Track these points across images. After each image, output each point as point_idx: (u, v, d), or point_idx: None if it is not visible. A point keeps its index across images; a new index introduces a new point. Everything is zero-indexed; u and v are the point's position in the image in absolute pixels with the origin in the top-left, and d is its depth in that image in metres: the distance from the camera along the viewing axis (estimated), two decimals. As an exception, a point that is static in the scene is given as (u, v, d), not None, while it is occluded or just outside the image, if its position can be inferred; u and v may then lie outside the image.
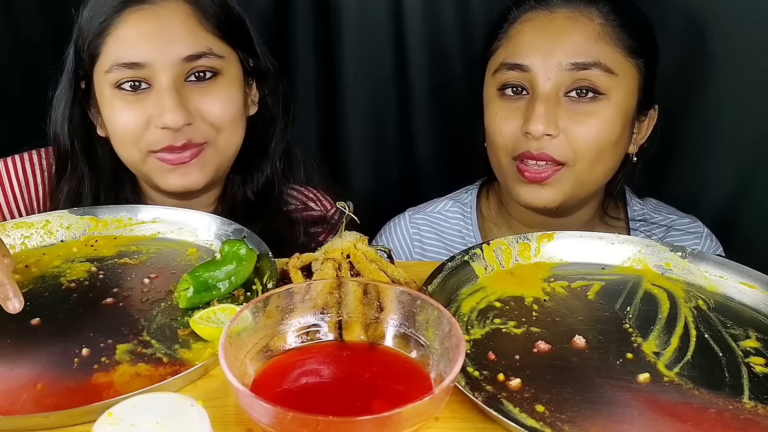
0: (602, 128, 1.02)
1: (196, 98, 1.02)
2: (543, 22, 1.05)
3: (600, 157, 1.03)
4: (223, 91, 1.05)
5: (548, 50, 1.02)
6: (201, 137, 1.03)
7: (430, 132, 1.46)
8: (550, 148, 1.01)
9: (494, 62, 1.09)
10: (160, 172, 1.04)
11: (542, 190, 1.04)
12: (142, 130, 1.01)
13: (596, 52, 1.01)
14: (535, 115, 1.00)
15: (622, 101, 1.03)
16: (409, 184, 1.52)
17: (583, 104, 1.02)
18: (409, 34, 1.39)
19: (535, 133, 1.00)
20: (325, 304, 0.69)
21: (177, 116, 0.99)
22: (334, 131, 1.50)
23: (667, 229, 1.16)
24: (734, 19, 1.17)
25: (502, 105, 1.07)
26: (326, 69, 1.45)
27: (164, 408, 0.52)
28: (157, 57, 1.00)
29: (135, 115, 1.01)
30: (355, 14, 1.39)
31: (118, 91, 1.02)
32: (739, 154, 1.24)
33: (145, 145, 1.02)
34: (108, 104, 1.03)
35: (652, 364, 0.71)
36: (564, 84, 1.02)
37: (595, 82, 1.01)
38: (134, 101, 1.01)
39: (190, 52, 1.01)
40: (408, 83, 1.43)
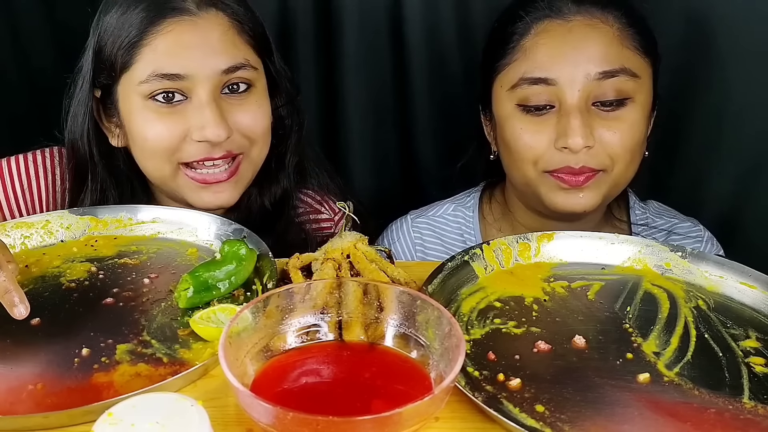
0: (633, 131, 1.01)
1: (233, 111, 1.01)
2: (562, 32, 1.02)
3: (633, 159, 1.04)
4: (256, 103, 1.04)
5: (574, 61, 1.00)
6: (237, 148, 1.03)
7: (431, 133, 1.46)
8: (589, 160, 1.01)
9: (509, 77, 1.05)
10: (192, 189, 1.03)
11: (581, 194, 1.03)
12: (177, 143, 1.00)
13: (620, 58, 1.00)
14: (572, 129, 0.99)
15: (645, 101, 1.03)
16: (409, 185, 1.52)
17: (611, 111, 1.01)
18: (409, 36, 1.39)
19: (575, 148, 0.99)
20: (325, 304, 0.69)
21: (219, 130, 0.98)
22: (334, 132, 1.50)
23: (668, 234, 1.16)
24: (736, 20, 1.17)
25: (526, 119, 1.04)
26: (327, 70, 1.45)
27: (164, 408, 0.52)
28: (198, 69, 0.98)
29: (170, 128, 0.99)
30: (355, 16, 1.39)
31: (151, 102, 0.99)
32: (741, 155, 1.24)
33: (178, 158, 1.01)
34: (139, 115, 1.00)
35: (652, 364, 0.71)
36: (592, 93, 1.00)
37: (623, 88, 1.00)
38: (169, 113, 0.99)
39: (230, 63, 1.00)
40: (408, 84, 1.43)
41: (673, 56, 1.23)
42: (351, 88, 1.44)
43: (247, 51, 1.03)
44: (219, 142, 0.99)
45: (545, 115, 1.03)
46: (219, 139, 0.98)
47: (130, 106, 1.01)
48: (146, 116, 1.00)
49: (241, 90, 1.03)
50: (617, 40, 1.01)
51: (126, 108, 1.02)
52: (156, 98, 0.99)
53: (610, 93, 1.00)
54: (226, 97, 1.02)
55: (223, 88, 1.01)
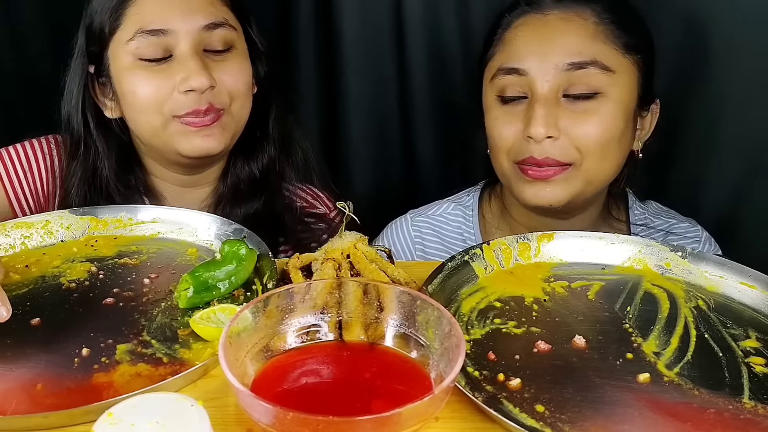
0: (604, 126, 1.01)
1: (215, 67, 1.07)
2: (537, 25, 1.05)
3: (606, 155, 1.03)
4: (237, 63, 1.10)
5: (544, 52, 1.02)
6: (219, 103, 1.07)
7: (431, 133, 1.46)
8: (553, 151, 1.01)
9: (491, 68, 1.09)
10: (183, 135, 1.07)
11: (548, 188, 1.03)
12: (165, 97, 1.05)
13: (592, 51, 1.01)
14: (535, 118, 1.00)
15: (622, 98, 1.03)
16: (409, 184, 1.52)
17: (582, 103, 1.02)
18: (409, 36, 1.39)
19: (536, 137, 1.00)
20: (325, 304, 0.69)
21: (202, 78, 1.03)
22: (335, 132, 1.50)
23: (666, 234, 1.16)
24: (735, 21, 1.17)
25: (502, 110, 1.07)
26: (328, 71, 1.45)
27: (164, 408, 0.52)
28: (179, 24, 1.04)
29: (159, 83, 1.05)
30: (356, 16, 1.39)
31: (140, 62, 1.05)
32: (740, 155, 1.24)
33: (168, 110, 1.05)
34: (129, 74, 1.06)
35: (652, 364, 0.71)
36: (562, 85, 1.02)
37: (593, 81, 1.01)
38: (157, 70, 1.05)
39: (210, 20, 1.06)
40: (409, 85, 1.43)
41: (671, 57, 1.23)
42: (351, 87, 1.44)
43: (225, 11, 1.10)
44: (203, 90, 1.04)
45: (518, 105, 1.05)
46: (203, 86, 1.03)
47: (119, 66, 1.07)
48: (135, 74, 1.06)
49: (221, 49, 1.08)
50: (591, 34, 1.02)
51: (116, 69, 1.08)
52: (143, 59, 1.05)
53: (579, 85, 1.01)
54: (208, 55, 1.07)
55: (206, 48, 1.07)
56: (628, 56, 1.03)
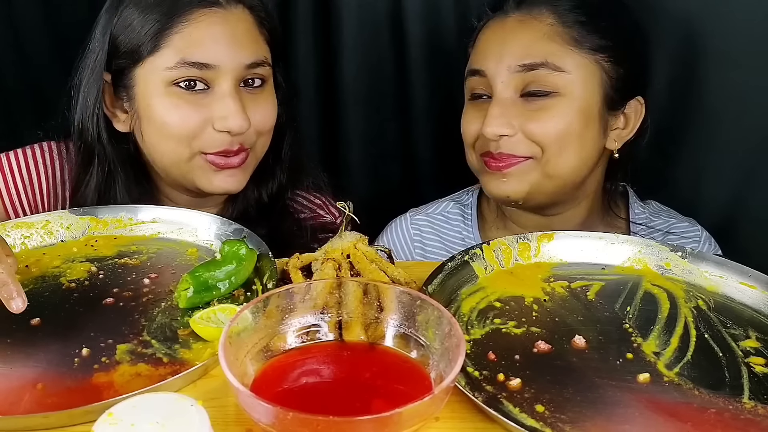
0: (558, 121, 1.03)
1: (249, 105, 1.04)
2: (496, 28, 1.09)
3: (563, 150, 1.04)
4: (269, 99, 1.08)
5: (499, 54, 1.06)
6: (249, 143, 1.05)
7: (431, 132, 1.46)
8: (508, 147, 1.04)
9: (466, 70, 1.13)
10: (204, 172, 1.05)
11: (505, 179, 1.06)
12: (198, 131, 1.02)
13: (543, 52, 1.03)
14: (488, 118, 1.04)
15: (579, 96, 1.04)
16: (409, 184, 1.52)
17: (537, 101, 1.04)
18: (408, 35, 1.39)
19: (488, 135, 1.04)
20: (325, 304, 0.69)
21: (242, 121, 1.01)
22: (334, 132, 1.50)
23: (665, 234, 1.16)
24: (732, 24, 1.17)
25: (470, 108, 1.12)
26: (326, 69, 1.45)
27: (164, 408, 0.52)
28: (224, 60, 1.01)
29: (193, 114, 1.01)
30: (355, 15, 1.39)
31: (174, 88, 1.01)
32: (739, 155, 1.23)
33: (198, 145, 1.03)
34: (160, 100, 1.02)
35: (652, 364, 0.71)
36: (518, 85, 1.04)
37: (544, 82, 1.03)
38: (191, 101, 1.01)
39: (253, 59, 1.03)
40: (408, 84, 1.43)
41: (670, 57, 1.23)
42: (350, 86, 1.44)
43: (265, 48, 1.08)
44: (242, 133, 1.02)
45: (483, 104, 1.08)
46: (241, 130, 1.01)
47: (150, 90, 1.02)
48: (169, 101, 1.01)
49: (256, 85, 1.06)
50: (545, 36, 1.04)
51: (145, 92, 1.03)
52: (179, 85, 1.01)
53: (532, 85, 1.04)
54: (243, 90, 1.05)
55: (240, 81, 1.04)
56: (587, 56, 1.04)
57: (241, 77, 1.03)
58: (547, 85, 1.03)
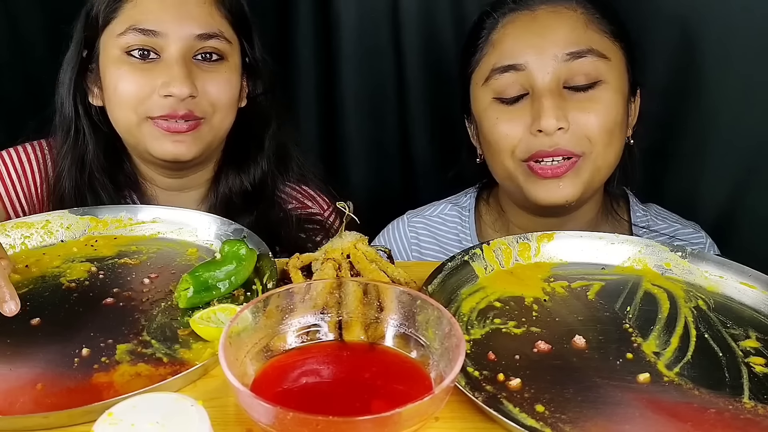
0: (608, 112, 1.02)
1: (201, 76, 1.07)
2: (527, 21, 1.05)
3: (612, 141, 1.03)
4: (225, 75, 1.09)
5: (540, 45, 1.02)
6: (200, 112, 1.07)
7: (429, 134, 1.46)
8: (564, 142, 1.00)
9: (482, 71, 1.07)
10: (154, 137, 1.07)
11: (561, 184, 1.02)
12: (144, 97, 1.04)
13: (587, 39, 1.02)
14: (545, 110, 0.99)
15: (618, 83, 1.04)
16: (408, 185, 1.52)
17: (584, 92, 1.02)
18: (407, 37, 1.39)
19: (548, 129, 0.98)
20: (325, 304, 0.69)
21: (184, 86, 1.03)
22: (333, 133, 1.50)
23: (670, 239, 1.16)
24: (730, 25, 1.17)
25: (501, 109, 1.04)
26: (326, 71, 1.45)
27: (164, 408, 0.52)
28: (172, 28, 1.04)
29: (141, 82, 1.04)
30: (354, 17, 1.39)
31: (126, 56, 1.05)
32: (738, 156, 1.23)
33: (144, 110, 1.05)
34: (114, 68, 1.06)
35: (652, 364, 0.71)
36: (562, 76, 1.01)
37: (592, 69, 1.02)
38: (142, 68, 1.05)
39: (204, 30, 1.06)
40: (407, 85, 1.43)
41: (668, 58, 1.23)
42: (350, 88, 1.44)
43: (223, 24, 1.09)
44: (183, 98, 1.03)
45: (519, 103, 1.04)
46: (183, 94, 1.03)
47: (107, 58, 1.07)
48: (120, 68, 1.06)
49: (213, 59, 1.08)
50: (582, 24, 1.03)
51: (104, 60, 1.08)
52: (132, 53, 1.05)
53: (580, 74, 1.02)
54: (197, 62, 1.07)
55: (196, 54, 1.07)
56: (616, 43, 1.05)
57: (193, 48, 1.06)
58: (594, 74, 1.01)
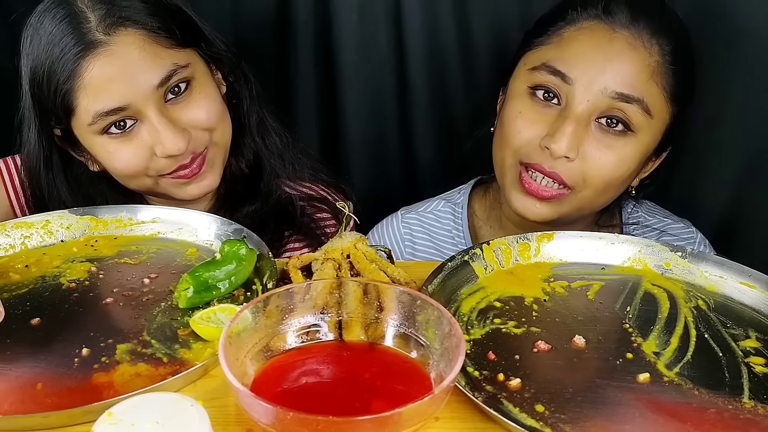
0: (621, 164, 0.99)
1: (183, 113, 1.02)
2: (602, 38, 0.98)
3: (607, 190, 1.01)
4: (202, 96, 1.04)
5: (599, 70, 0.97)
6: (202, 145, 1.05)
7: (430, 133, 1.46)
8: (563, 170, 0.98)
9: (535, 57, 1.03)
10: (177, 187, 1.07)
11: (539, 205, 1.01)
12: (146, 161, 1.02)
13: (644, 90, 0.97)
14: (562, 133, 0.96)
15: (648, 142, 1.00)
16: (409, 184, 1.52)
17: (611, 136, 0.98)
18: (408, 36, 1.39)
19: (556, 152, 0.96)
20: (325, 304, 0.69)
21: (177, 143, 1.00)
22: (334, 132, 1.50)
23: (660, 233, 1.16)
24: (734, 26, 1.17)
25: (528, 105, 1.02)
26: (327, 70, 1.45)
27: (164, 408, 0.52)
28: (134, 94, 0.98)
29: (134, 151, 1.01)
30: (355, 16, 1.39)
31: (107, 137, 1.01)
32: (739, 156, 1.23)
33: (155, 171, 1.04)
34: (102, 150, 1.03)
35: (652, 364, 0.71)
36: (600, 109, 0.97)
37: (631, 119, 0.97)
38: (127, 139, 1.01)
39: (161, 77, 0.99)
40: (408, 84, 1.43)
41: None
42: (350, 88, 1.44)
43: (172, 54, 1.01)
44: (182, 153, 1.02)
45: (547, 108, 1.00)
46: (180, 151, 1.01)
47: (90, 143, 1.04)
48: (108, 149, 1.02)
49: (183, 90, 1.03)
50: (650, 71, 0.97)
51: (89, 144, 1.04)
52: (110, 132, 1.01)
53: (615, 114, 0.97)
54: (171, 103, 1.02)
55: (167, 97, 1.02)
56: (670, 105, 1.00)
57: (160, 96, 1.00)
58: (629, 123, 0.97)
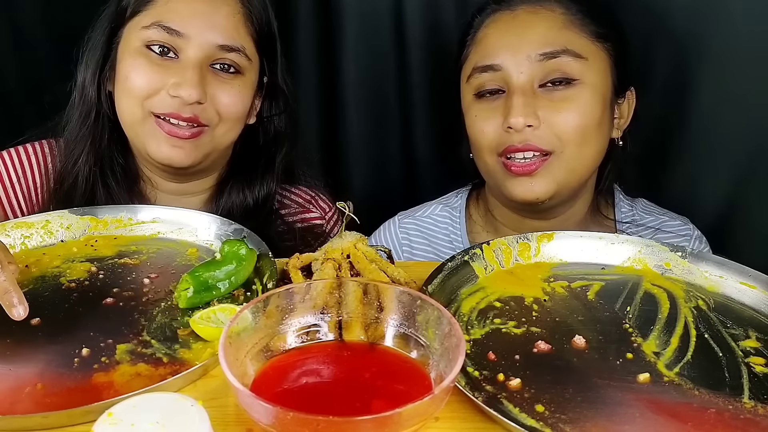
0: (582, 111, 1.03)
1: (214, 84, 1.06)
2: (506, 21, 1.08)
3: (586, 141, 1.04)
4: (239, 89, 1.09)
5: (516, 45, 1.04)
6: (205, 119, 1.06)
7: (431, 133, 1.46)
8: (534, 139, 1.02)
9: (467, 69, 1.11)
10: (154, 137, 1.06)
11: (533, 182, 1.04)
12: (153, 92, 1.04)
13: (563, 40, 1.03)
14: (514, 108, 1.02)
15: (597, 84, 1.04)
16: (409, 184, 1.52)
17: (559, 92, 1.03)
18: (409, 36, 1.39)
19: (516, 126, 1.01)
20: (325, 304, 0.69)
21: (193, 90, 1.02)
22: (335, 132, 1.50)
23: (656, 231, 1.16)
24: (730, 25, 1.17)
25: (480, 107, 1.08)
26: (327, 70, 1.45)
27: (164, 408, 0.52)
28: (197, 33, 1.04)
29: (153, 77, 1.04)
30: (356, 16, 1.39)
31: (146, 50, 1.05)
32: (735, 155, 1.24)
33: (150, 105, 1.05)
34: (131, 58, 1.06)
35: (652, 364, 0.71)
36: (537, 75, 1.03)
37: (567, 69, 1.03)
38: (158, 64, 1.04)
39: (227, 42, 1.06)
40: (408, 84, 1.43)
41: (667, 57, 1.23)
42: (351, 87, 1.44)
43: (247, 40, 1.09)
44: (190, 102, 1.03)
45: (496, 100, 1.06)
46: (190, 98, 1.02)
47: (126, 47, 1.07)
48: (136, 59, 1.05)
49: (230, 71, 1.08)
50: (560, 24, 1.05)
51: (123, 49, 1.08)
52: (152, 48, 1.05)
53: (554, 74, 1.03)
54: (213, 71, 1.07)
55: (215, 63, 1.06)
56: (598, 44, 1.05)
57: (212, 56, 1.05)
58: (569, 73, 1.03)
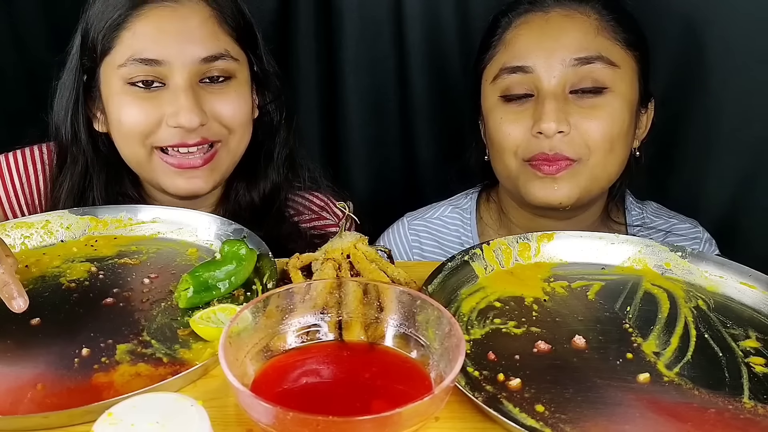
0: (612, 120, 1.02)
1: (210, 99, 1.02)
2: (540, 22, 1.06)
3: (612, 150, 1.03)
4: (236, 94, 1.05)
5: (550, 48, 1.03)
6: (213, 136, 1.03)
7: (431, 134, 1.46)
8: (563, 147, 1.01)
9: (492, 69, 1.09)
10: (164, 173, 1.04)
11: (556, 186, 1.03)
12: (152, 128, 1.01)
13: (597, 46, 1.02)
14: (546, 113, 1.00)
15: (626, 92, 1.04)
16: (409, 186, 1.52)
17: (589, 99, 1.02)
18: (409, 37, 1.39)
19: (547, 132, 1.00)
20: (325, 304, 0.69)
21: (193, 116, 0.99)
22: (335, 134, 1.50)
23: (666, 234, 1.16)
24: (735, 23, 1.17)
25: (506, 109, 1.06)
26: (328, 72, 1.45)
27: (164, 408, 0.52)
28: (175, 55, 0.99)
29: (146, 113, 1.00)
30: (356, 17, 1.39)
31: (129, 87, 1.00)
32: (740, 156, 1.24)
33: (152, 141, 1.02)
34: (116, 99, 1.02)
35: (652, 364, 0.71)
36: (569, 80, 1.02)
37: (599, 76, 1.02)
38: (146, 98, 1.00)
39: (209, 53, 1.01)
40: (409, 86, 1.43)
41: (671, 59, 1.24)
42: (351, 88, 1.44)
43: (228, 42, 1.04)
44: (193, 128, 1.00)
45: (525, 104, 1.05)
46: (192, 125, 0.99)
47: (110, 89, 1.03)
48: (123, 100, 1.01)
49: (221, 80, 1.04)
50: (594, 30, 1.03)
51: (106, 91, 1.04)
52: (135, 84, 1.00)
53: (586, 80, 1.02)
54: (204, 85, 1.03)
55: (203, 77, 1.02)
56: (628, 51, 1.04)
57: (199, 72, 1.01)
58: (600, 80, 1.01)
